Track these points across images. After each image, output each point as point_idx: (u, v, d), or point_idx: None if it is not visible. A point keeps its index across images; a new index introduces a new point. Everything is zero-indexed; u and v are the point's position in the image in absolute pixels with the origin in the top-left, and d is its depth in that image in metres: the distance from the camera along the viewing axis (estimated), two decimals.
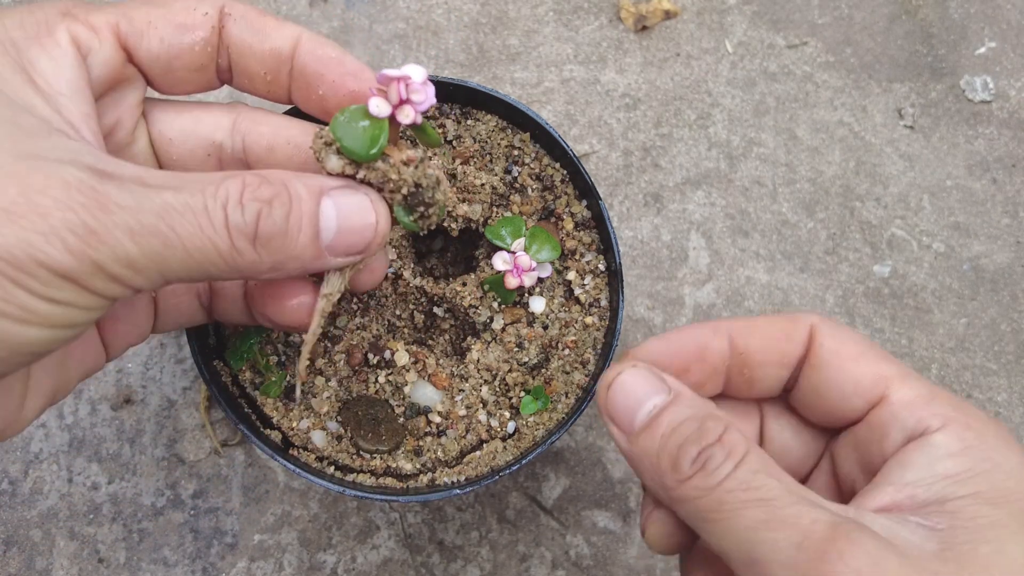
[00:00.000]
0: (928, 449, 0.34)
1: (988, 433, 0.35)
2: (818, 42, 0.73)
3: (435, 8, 0.71)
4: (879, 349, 0.39)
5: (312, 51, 0.40)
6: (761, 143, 0.70)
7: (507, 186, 0.54)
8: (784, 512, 0.32)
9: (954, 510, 0.33)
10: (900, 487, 0.34)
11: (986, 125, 0.72)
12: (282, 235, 0.34)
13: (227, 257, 0.33)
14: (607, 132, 0.70)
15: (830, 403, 0.39)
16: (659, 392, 0.37)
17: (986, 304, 0.69)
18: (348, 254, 0.37)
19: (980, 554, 0.31)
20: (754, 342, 0.40)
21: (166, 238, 0.31)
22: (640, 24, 0.72)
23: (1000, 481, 0.33)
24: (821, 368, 0.38)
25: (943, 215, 0.70)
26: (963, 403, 0.36)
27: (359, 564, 0.61)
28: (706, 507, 0.33)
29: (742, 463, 0.33)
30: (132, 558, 0.60)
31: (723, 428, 0.35)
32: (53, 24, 0.35)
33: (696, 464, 0.34)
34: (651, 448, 0.36)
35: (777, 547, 0.31)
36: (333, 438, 0.52)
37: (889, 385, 0.37)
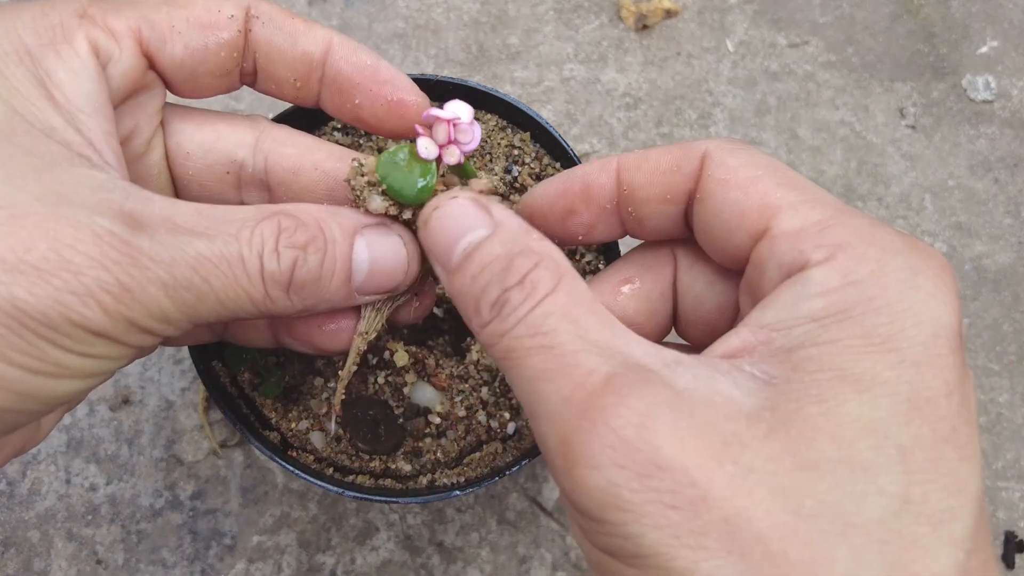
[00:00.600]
0: (799, 286, 0.28)
1: (892, 264, 0.28)
2: (819, 41, 0.73)
3: (435, 7, 0.71)
4: (781, 174, 0.32)
5: (346, 58, 0.38)
6: (762, 143, 0.70)
7: (507, 186, 0.53)
8: (564, 360, 0.28)
9: (801, 360, 0.27)
10: (755, 329, 0.29)
11: (988, 125, 0.72)
12: (315, 281, 0.34)
13: (260, 304, 0.33)
14: (608, 132, 0.69)
15: (719, 241, 0.33)
16: (480, 226, 0.32)
17: (988, 304, 0.68)
18: (376, 293, 0.37)
19: (804, 415, 0.25)
20: (639, 177, 0.35)
21: (199, 291, 0.31)
22: (641, 23, 0.72)
23: (877, 325, 0.27)
24: (705, 200, 0.33)
25: (945, 215, 0.70)
26: (876, 230, 0.29)
27: (358, 565, 0.61)
28: (499, 355, 0.30)
29: (539, 305, 0.29)
30: (130, 559, 0.60)
31: (532, 264, 0.30)
32: (70, 29, 0.33)
33: (495, 309, 0.30)
34: (463, 288, 0.32)
35: (549, 400, 0.27)
36: (332, 439, 0.51)
37: (777, 214, 0.31)
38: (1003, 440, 0.66)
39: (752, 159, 0.33)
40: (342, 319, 0.41)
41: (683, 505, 0.25)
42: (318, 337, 0.41)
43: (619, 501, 0.25)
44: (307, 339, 0.42)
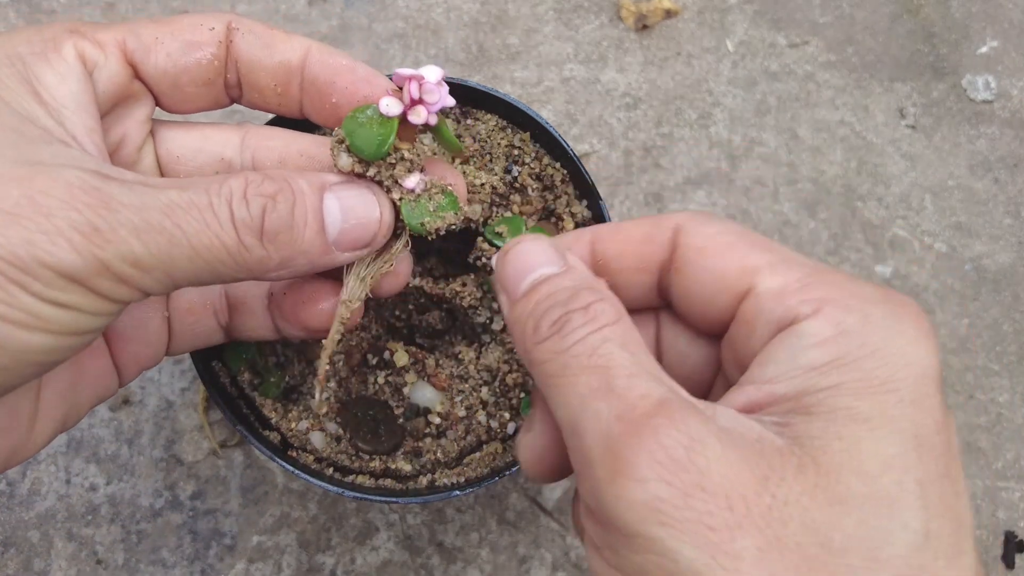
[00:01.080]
0: (793, 339, 0.30)
1: (874, 314, 0.30)
2: (819, 41, 0.73)
3: (435, 7, 0.71)
4: (754, 238, 0.34)
5: (322, 60, 0.39)
6: (762, 143, 0.70)
7: (507, 186, 0.53)
8: (617, 382, 0.29)
9: (811, 403, 0.28)
10: (759, 385, 0.30)
11: (988, 125, 0.72)
12: (288, 229, 0.34)
13: (235, 254, 0.33)
14: (608, 132, 0.69)
15: (700, 305, 0.35)
16: (553, 264, 0.34)
17: (988, 304, 0.68)
18: (355, 248, 0.37)
19: (828, 451, 0.27)
20: (612, 247, 0.37)
21: (172, 236, 0.31)
22: (641, 23, 0.72)
23: (874, 369, 0.28)
24: (683, 270, 0.35)
25: (945, 215, 0.70)
26: (852, 283, 0.31)
27: (358, 566, 0.61)
28: (551, 371, 0.31)
29: (598, 331, 0.31)
30: (130, 559, 0.60)
31: (596, 298, 0.32)
32: (60, 40, 0.36)
33: (555, 327, 0.31)
34: (524, 313, 0.33)
35: (598, 416, 0.28)
36: (332, 439, 0.51)
37: (757, 275, 0.32)
38: (1003, 440, 0.66)
39: (725, 227, 0.35)
40: (326, 298, 0.42)
41: (722, 528, 0.26)
42: (304, 315, 0.42)
43: (661, 515, 0.26)
44: (295, 318, 0.42)
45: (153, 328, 0.43)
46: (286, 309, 0.43)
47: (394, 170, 0.38)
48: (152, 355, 0.43)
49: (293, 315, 0.43)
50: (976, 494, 0.65)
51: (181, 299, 0.43)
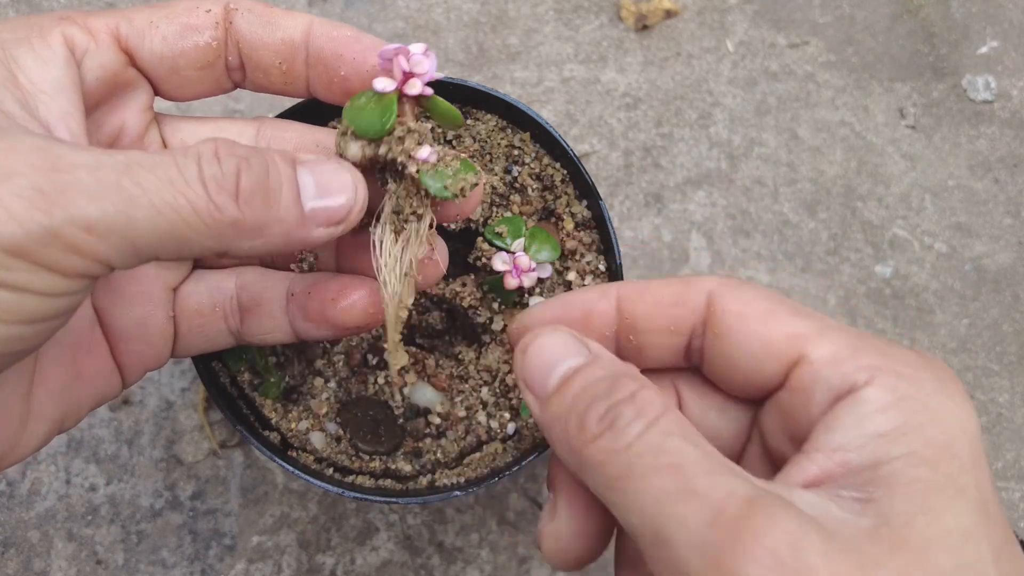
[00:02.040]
0: (856, 406, 0.30)
1: (924, 379, 0.31)
2: (819, 41, 0.73)
3: (435, 7, 0.71)
4: (790, 304, 0.34)
5: (326, 33, 0.38)
6: (762, 143, 0.70)
7: (507, 186, 0.53)
8: (696, 482, 0.28)
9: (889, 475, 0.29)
10: (829, 453, 0.30)
11: (988, 125, 0.72)
12: (264, 191, 0.31)
13: (204, 214, 0.29)
14: (607, 132, 0.69)
15: (743, 372, 0.35)
16: (577, 354, 0.34)
17: (988, 305, 0.68)
18: (330, 223, 0.34)
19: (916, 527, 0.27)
20: (641, 307, 0.37)
21: (131, 195, 0.28)
22: (641, 23, 0.72)
23: (935, 435, 0.29)
24: (726, 335, 0.34)
25: (945, 215, 0.70)
26: (893, 348, 0.32)
27: (358, 566, 0.61)
28: (613, 473, 0.29)
29: (655, 424, 0.29)
30: (130, 559, 0.60)
31: (638, 386, 0.31)
32: (47, 27, 0.34)
33: (604, 422, 0.30)
34: (561, 410, 0.32)
35: (686, 523, 0.27)
36: (332, 439, 0.51)
37: (806, 343, 0.33)
38: (1003, 440, 0.66)
39: (760, 293, 0.35)
40: (355, 291, 0.40)
41: None
42: (332, 312, 0.40)
43: None
44: (322, 316, 0.41)
45: (156, 327, 0.41)
46: (312, 308, 0.41)
47: (404, 144, 0.37)
48: (156, 356, 0.42)
49: (320, 314, 0.41)
50: None
51: (189, 299, 0.42)
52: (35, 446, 0.37)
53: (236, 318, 0.43)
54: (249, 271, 0.43)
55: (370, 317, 0.41)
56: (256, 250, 0.33)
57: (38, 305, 0.28)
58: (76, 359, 0.38)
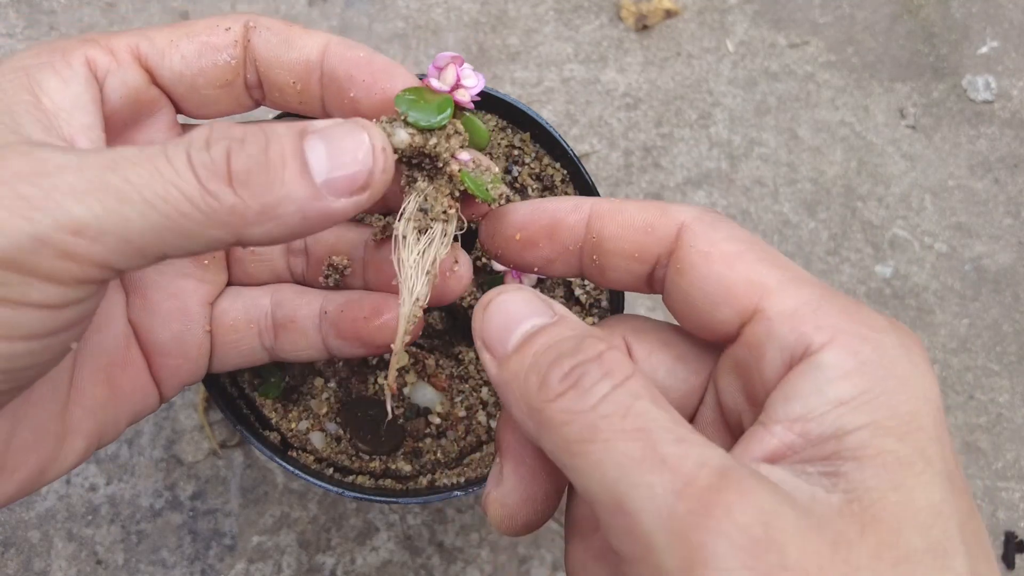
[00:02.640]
0: (816, 372, 0.29)
1: (887, 343, 0.29)
2: (820, 41, 0.73)
3: (435, 7, 0.71)
4: (762, 250, 0.32)
5: (340, 54, 0.38)
6: (762, 143, 0.70)
7: (507, 186, 0.53)
8: (665, 449, 0.26)
9: (855, 446, 0.27)
10: (789, 424, 0.28)
11: (988, 125, 0.72)
12: (262, 169, 0.29)
13: (201, 204, 0.28)
14: (608, 132, 0.69)
15: (698, 314, 0.33)
16: (540, 314, 0.32)
17: (988, 305, 0.68)
18: (351, 191, 0.31)
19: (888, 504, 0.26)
20: (610, 228, 0.35)
21: (119, 191, 0.26)
22: (641, 23, 0.72)
23: (900, 404, 0.28)
24: (686, 272, 0.33)
25: (945, 215, 0.70)
26: (860, 308, 0.30)
27: (358, 566, 0.61)
28: (574, 435, 0.27)
29: (623, 385, 0.28)
30: (130, 559, 0.60)
31: (605, 347, 0.29)
32: (70, 50, 0.34)
33: (568, 380, 0.28)
34: (521, 368, 0.30)
35: (652, 493, 0.25)
36: (332, 439, 0.51)
37: (765, 294, 0.31)
38: (1003, 440, 0.66)
39: (733, 233, 0.33)
40: (388, 310, 0.40)
41: None
42: (365, 330, 0.40)
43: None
44: (355, 334, 0.40)
45: (194, 342, 0.41)
46: (344, 326, 0.41)
47: (450, 142, 0.37)
48: (193, 370, 0.41)
49: (352, 332, 0.40)
50: (976, 494, 0.65)
51: (225, 315, 0.42)
52: (74, 462, 0.36)
53: (271, 335, 0.43)
54: (285, 288, 0.44)
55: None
56: (274, 235, 0.30)
57: (40, 319, 0.27)
58: (112, 376, 0.38)
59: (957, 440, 0.66)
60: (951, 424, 0.66)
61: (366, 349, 0.41)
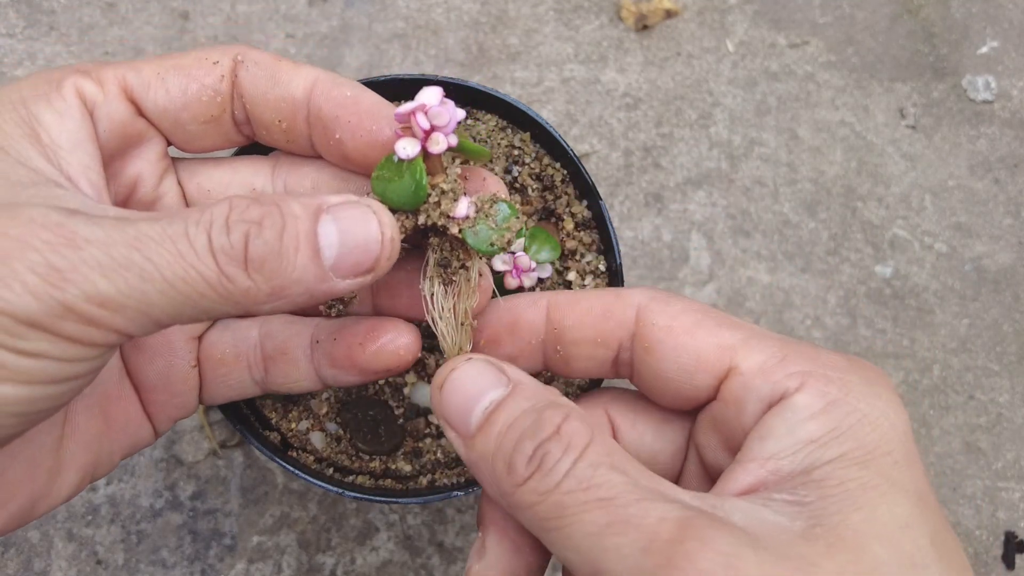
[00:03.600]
0: (787, 414, 0.31)
1: (852, 382, 0.31)
2: (820, 41, 0.73)
3: (435, 7, 0.71)
4: (717, 315, 0.35)
5: (326, 92, 0.37)
6: (762, 143, 0.70)
7: (507, 186, 0.53)
8: (627, 512, 0.28)
9: (821, 478, 0.29)
10: (762, 462, 0.31)
11: (988, 125, 0.72)
12: (276, 256, 0.30)
13: (217, 287, 0.30)
14: (608, 132, 0.69)
15: (674, 384, 0.35)
16: (496, 385, 0.33)
17: (988, 305, 0.68)
18: (356, 274, 0.33)
19: (850, 524, 0.28)
20: (569, 318, 0.37)
21: (142, 270, 0.28)
22: (641, 23, 0.72)
23: (866, 435, 0.30)
24: (655, 349, 0.35)
25: (945, 215, 0.70)
26: (821, 353, 0.33)
27: (358, 566, 0.61)
28: (545, 514, 0.29)
29: (582, 456, 0.29)
30: (130, 559, 0.60)
31: (562, 417, 0.31)
32: (62, 80, 0.35)
33: (532, 463, 0.30)
34: (487, 450, 0.32)
35: (621, 554, 0.27)
36: (332, 439, 0.51)
37: (734, 354, 0.33)
38: (1003, 440, 0.66)
39: (686, 305, 0.35)
40: (384, 333, 0.39)
41: None
42: (361, 357, 0.39)
43: None
44: (350, 361, 0.40)
45: (179, 377, 0.41)
46: (338, 354, 0.40)
47: (440, 207, 0.36)
48: (182, 404, 0.41)
49: (348, 359, 0.40)
50: (976, 494, 0.65)
51: (213, 348, 0.42)
52: (67, 494, 0.36)
53: (260, 368, 0.42)
54: (274, 319, 0.43)
55: (400, 359, 0.39)
56: (280, 309, 0.32)
57: (57, 369, 0.28)
58: (106, 410, 0.38)
59: (957, 440, 0.66)
60: (951, 424, 0.66)
61: (363, 376, 0.40)
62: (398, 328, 0.39)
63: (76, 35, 0.68)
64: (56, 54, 0.68)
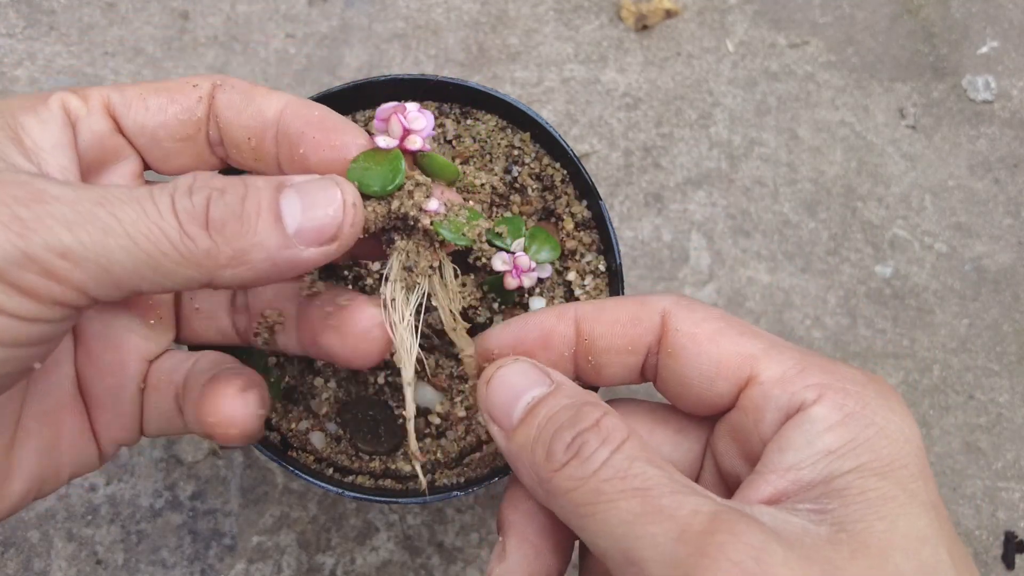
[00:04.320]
0: (806, 425, 0.32)
1: (869, 395, 0.33)
2: (820, 41, 0.73)
3: (435, 7, 0.71)
4: (740, 324, 0.36)
5: (295, 112, 0.39)
6: (762, 143, 0.70)
7: (507, 186, 0.53)
8: (662, 502, 0.29)
9: (842, 487, 0.30)
10: (782, 472, 0.32)
11: (988, 125, 0.72)
12: (237, 219, 0.32)
13: (179, 245, 0.30)
14: (608, 132, 0.69)
15: (695, 390, 0.36)
16: (540, 384, 0.35)
17: (988, 305, 0.68)
18: (320, 242, 0.34)
19: (874, 533, 0.29)
20: (599, 327, 0.38)
21: (105, 225, 0.29)
22: (641, 23, 0.72)
23: (883, 448, 0.31)
24: (678, 354, 0.36)
25: (945, 215, 0.70)
26: (838, 366, 0.34)
27: (358, 566, 0.61)
28: (581, 499, 0.30)
29: (619, 449, 0.31)
30: (130, 560, 0.60)
31: (601, 412, 0.33)
32: (49, 96, 0.37)
33: (570, 450, 0.31)
34: (527, 440, 0.33)
35: (655, 542, 0.28)
36: (332, 439, 0.51)
37: (755, 363, 0.34)
38: (1003, 440, 0.66)
39: (710, 312, 0.36)
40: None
41: None
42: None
43: None
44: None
45: (127, 397, 0.40)
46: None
47: (414, 197, 0.37)
48: (127, 427, 0.41)
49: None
50: (976, 494, 0.65)
51: (155, 374, 0.41)
52: (13, 506, 0.37)
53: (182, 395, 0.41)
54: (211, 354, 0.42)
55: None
56: (242, 278, 0.33)
57: (17, 329, 0.29)
58: (58, 419, 0.38)
59: (957, 440, 0.66)
60: (951, 424, 0.66)
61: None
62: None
63: (76, 35, 0.68)
64: (56, 54, 0.68)
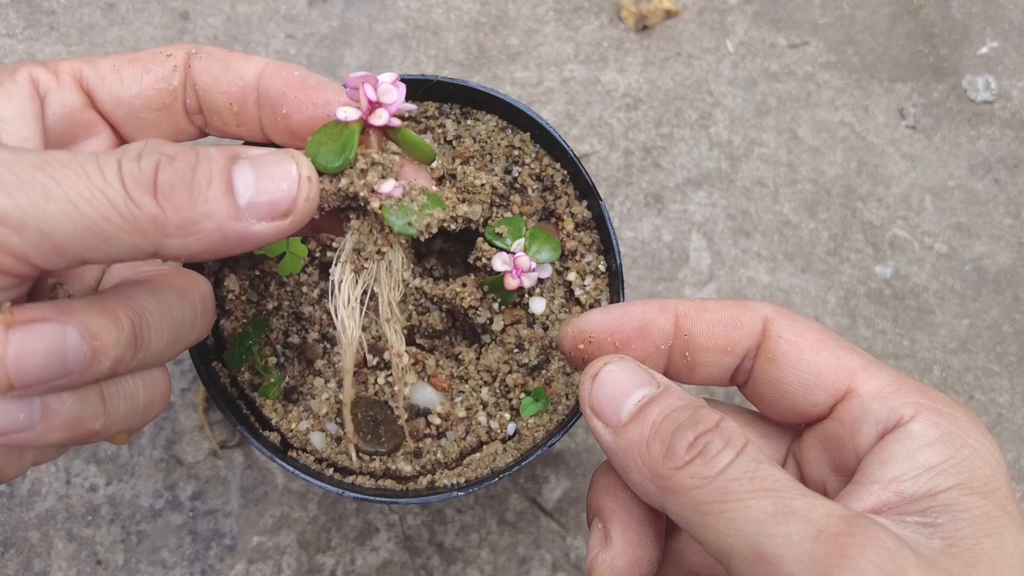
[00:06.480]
0: (906, 440, 0.33)
1: (959, 417, 0.34)
2: (820, 42, 0.73)
3: (435, 7, 0.71)
4: (838, 338, 0.37)
5: (275, 73, 0.39)
6: (762, 143, 0.70)
7: (507, 186, 0.53)
8: (794, 503, 0.30)
9: (947, 503, 0.32)
10: (885, 484, 0.33)
11: (988, 125, 0.72)
12: (186, 186, 0.30)
13: (123, 210, 0.29)
14: (608, 132, 0.69)
15: (792, 398, 0.37)
16: (647, 384, 0.36)
17: (988, 305, 0.68)
18: (273, 216, 0.32)
19: (984, 549, 0.30)
20: (699, 325, 0.38)
21: (45, 188, 0.27)
22: (641, 24, 0.72)
23: (979, 468, 0.32)
24: (779, 360, 0.37)
25: (945, 216, 0.70)
26: (929, 388, 0.35)
27: (358, 566, 0.61)
28: (705, 497, 0.31)
29: (743, 451, 0.32)
30: (130, 560, 0.60)
31: (720, 416, 0.33)
32: (17, 69, 0.36)
33: (693, 450, 0.32)
34: (640, 437, 0.34)
35: (790, 541, 0.29)
36: (332, 440, 0.51)
37: (854, 376, 0.35)
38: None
39: (812, 324, 0.37)
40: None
41: None
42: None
43: None
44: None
45: None
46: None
47: (367, 177, 0.36)
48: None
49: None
50: None
51: None
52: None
53: None
54: None
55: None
56: (190, 250, 0.31)
57: None
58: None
59: None
60: None
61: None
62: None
63: (76, 35, 0.68)
64: (56, 54, 0.68)
